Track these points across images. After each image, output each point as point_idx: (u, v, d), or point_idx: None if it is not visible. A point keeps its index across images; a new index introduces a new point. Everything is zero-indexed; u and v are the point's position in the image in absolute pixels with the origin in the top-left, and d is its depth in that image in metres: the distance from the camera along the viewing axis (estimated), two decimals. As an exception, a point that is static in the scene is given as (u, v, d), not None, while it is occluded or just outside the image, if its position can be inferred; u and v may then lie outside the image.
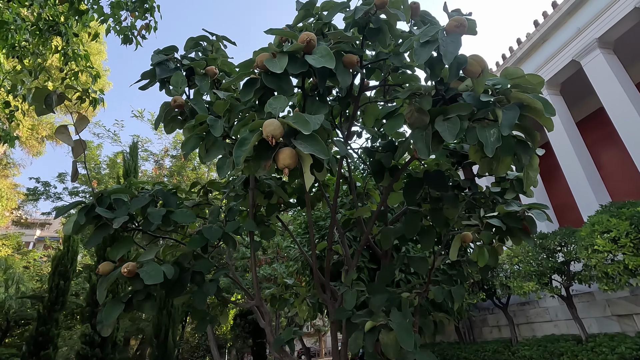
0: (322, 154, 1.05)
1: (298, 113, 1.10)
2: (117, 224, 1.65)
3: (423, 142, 1.36)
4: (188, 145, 1.51)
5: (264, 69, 1.29)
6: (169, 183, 2.80)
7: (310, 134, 1.08)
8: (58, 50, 4.09)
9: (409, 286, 2.42)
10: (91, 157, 18.87)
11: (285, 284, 3.44)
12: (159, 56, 1.88)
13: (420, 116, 1.41)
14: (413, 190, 1.74)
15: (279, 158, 1.08)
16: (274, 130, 1.05)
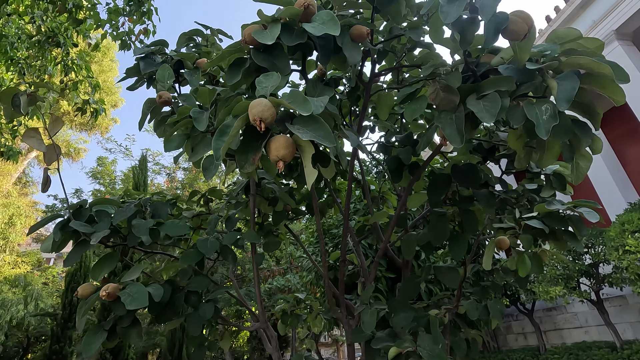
0: (327, 141, 0.79)
1: (295, 90, 0.86)
2: (95, 239, 1.42)
3: (454, 127, 1.09)
4: (171, 144, 1.28)
5: (253, 44, 1.05)
6: (168, 193, 2.57)
7: (310, 116, 0.83)
8: (58, 62, 3.99)
9: (434, 298, 2.12)
10: (106, 172, 19.10)
11: (297, 298, 3.17)
12: (143, 49, 1.68)
13: (448, 96, 1.15)
14: (439, 190, 1.46)
15: (271, 148, 0.83)
16: (262, 111, 0.80)
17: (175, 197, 2.77)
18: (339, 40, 1.11)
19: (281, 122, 0.87)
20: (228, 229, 1.86)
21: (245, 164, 0.84)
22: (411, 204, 1.89)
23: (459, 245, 1.52)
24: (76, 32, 4.14)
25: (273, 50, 1.07)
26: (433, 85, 1.17)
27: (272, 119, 0.82)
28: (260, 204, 2.25)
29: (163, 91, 1.58)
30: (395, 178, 1.80)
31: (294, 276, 9.85)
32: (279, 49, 1.07)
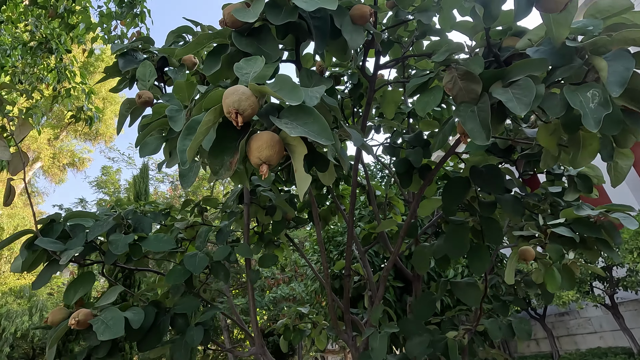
0: (323, 137, 0.62)
1: (283, 75, 0.68)
2: (64, 258, 1.25)
3: (476, 121, 0.91)
4: (146, 148, 1.11)
5: (235, 25, 0.88)
6: (162, 203, 2.40)
7: (301, 106, 0.65)
8: (51, 69, 3.87)
9: (449, 314, 1.92)
10: (111, 182, 19.06)
11: (299, 312, 2.97)
12: (123, 45, 1.52)
13: (468, 84, 0.96)
14: (456, 195, 1.27)
15: (252, 148, 0.65)
16: (239, 101, 0.62)
17: (169, 206, 2.59)
18: (337, 22, 0.94)
19: (265, 117, 0.70)
20: (219, 242, 1.68)
21: (220, 169, 0.66)
22: (422, 211, 1.70)
23: (481, 258, 1.32)
24: (70, 39, 4.03)
25: (259, 33, 0.90)
26: (449, 72, 0.99)
27: (253, 111, 0.64)
28: (257, 213, 2.08)
29: (144, 90, 1.41)
30: (405, 182, 1.61)
31: (298, 284, 9.62)
32: (266, 32, 0.89)
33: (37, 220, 1.37)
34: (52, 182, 21.96)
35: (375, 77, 1.44)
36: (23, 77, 3.80)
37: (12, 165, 1.29)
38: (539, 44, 1.01)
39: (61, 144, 21.00)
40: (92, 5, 3.55)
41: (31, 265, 1.44)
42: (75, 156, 21.42)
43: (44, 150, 19.95)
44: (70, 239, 1.42)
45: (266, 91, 0.64)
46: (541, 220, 1.82)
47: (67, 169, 21.82)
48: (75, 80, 3.96)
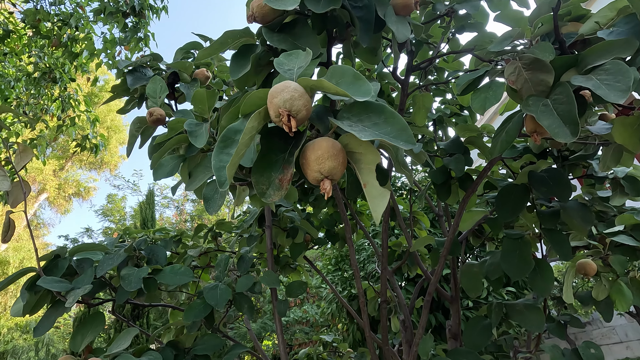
0: (402, 139, 0.47)
1: (337, 66, 0.54)
2: (71, 299, 1.09)
3: (554, 115, 0.76)
4: (162, 170, 0.97)
5: (265, 19, 0.75)
6: (172, 229, 2.25)
7: (366, 102, 0.51)
8: (55, 99, 3.82)
9: (501, 340, 1.72)
10: (116, 209, 18.98)
11: (323, 341, 2.76)
12: (131, 61, 1.41)
13: (536, 75, 0.82)
14: (514, 205, 1.11)
15: (309, 160, 0.50)
16: (291, 100, 0.48)
17: (180, 232, 2.44)
18: (380, 11, 0.81)
19: (319, 119, 0.55)
20: (241, 271, 1.52)
21: (268, 189, 0.51)
22: (464, 225, 1.53)
23: (544, 277, 1.14)
24: (74, 68, 4.00)
25: (294, 27, 0.77)
26: (512, 63, 0.85)
27: (308, 113, 0.50)
28: (277, 235, 1.92)
29: (155, 107, 1.29)
30: (443, 194, 1.46)
31: (311, 306, 9.29)
32: (302, 25, 0.76)
33: (40, 256, 1.22)
34: (58, 212, 21.94)
35: (408, 81, 1.30)
36: (27, 108, 3.75)
37: (12, 196, 1.15)
38: (610, 26, 0.88)
39: (66, 175, 21.11)
40: (95, 33, 3.52)
41: (34, 308, 1.29)
42: (80, 186, 21.48)
43: (50, 181, 20.04)
44: (77, 276, 1.27)
45: (323, 86, 0.50)
46: (593, 228, 1.65)
47: (73, 199, 21.85)
48: (79, 109, 3.90)
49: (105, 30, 3.50)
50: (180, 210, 17.76)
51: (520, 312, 1.30)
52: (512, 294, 4.52)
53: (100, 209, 18.59)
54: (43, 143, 3.52)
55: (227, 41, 0.78)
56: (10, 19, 4.11)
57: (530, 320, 1.26)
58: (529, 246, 1.14)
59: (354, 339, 5.02)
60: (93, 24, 3.62)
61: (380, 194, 0.49)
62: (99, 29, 3.26)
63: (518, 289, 4.58)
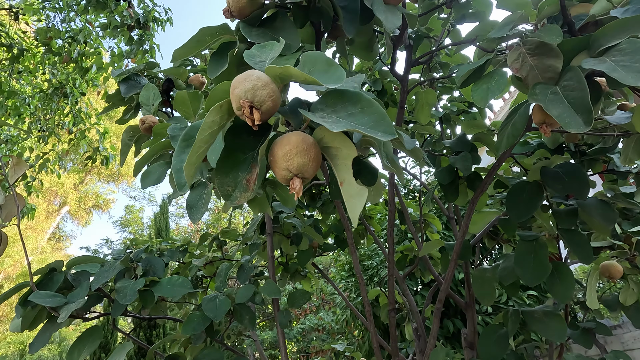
0: (380, 129, 0.41)
1: (311, 52, 0.49)
2: (64, 314, 1.06)
3: (564, 104, 0.68)
4: (149, 178, 0.93)
5: (242, 13, 0.70)
6: (178, 239, 2.22)
7: (342, 91, 0.45)
8: (67, 113, 3.90)
9: (521, 349, 1.61)
10: (134, 220, 19.37)
11: (335, 350, 2.68)
12: (125, 70, 1.39)
13: (543, 60, 0.75)
14: (527, 204, 1.02)
15: (276, 156, 0.45)
16: (253, 90, 0.43)
17: (186, 242, 2.42)
18: (367, 1, 0.75)
19: (292, 113, 0.50)
20: (241, 280, 1.47)
21: (234, 191, 0.46)
22: (474, 227, 1.45)
23: (564, 281, 1.05)
24: (85, 82, 4.09)
25: (273, 21, 0.72)
26: (515, 49, 0.78)
27: (274, 104, 0.44)
28: (282, 243, 1.87)
29: (147, 115, 1.26)
30: (451, 195, 1.38)
31: (327, 313, 9.16)
32: (282, 19, 0.72)
33: (35, 270, 1.20)
34: (79, 224, 22.54)
35: (407, 77, 1.24)
36: (42, 123, 3.84)
37: (6, 210, 1.14)
38: (625, 4, 0.79)
39: (86, 188, 21.72)
40: (104, 47, 3.59)
41: (32, 323, 1.26)
42: (99, 198, 22.05)
43: (70, 194, 20.64)
44: (73, 290, 1.24)
45: (290, 73, 0.44)
46: (617, 227, 1.53)
47: (93, 211, 22.43)
48: (90, 122, 3.97)
49: (113, 44, 3.56)
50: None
51: (539, 320, 1.20)
52: (533, 297, 4.31)
53: (118, 220, 19.00)
54: (55, 157, 3.59)
55: (205, 39, 0.74)
56: (25, 38, 4.25)
57: (551, 329, 1.15)
58: (545, 248, 1.04)
59: (369, 346, 4.89)
60: (102, 38, 3.70)
61: (357, 193, 0.43)
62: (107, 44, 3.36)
63: (540, 292, 4.36)
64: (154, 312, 1.86)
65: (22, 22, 4.39)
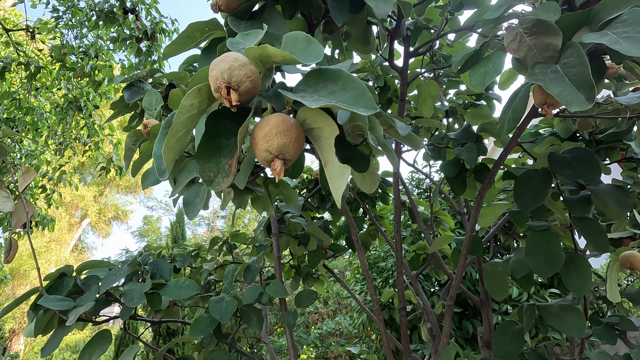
0: (361, 105, 0.40)
1: (292, 32, 0.48)
2: (72, 317, 1.08)
3: (565, 81, 0.66)
4: (149, 179, 0.94)
5: (231, 8, 0.70)
6: (190, 244, 2.25)
7: (323, 69, 0.44)
8: (82, 126, 4.02)
9: (541, 347, 1.54)
10: (152, 229, 19.76)
11: (349, 353, 2.64)
12: (128, 77, 1.42)
13: (541, 39, 0.72)
14: (534, 193, 0.98)
15: (257, 138, 0.44)
16: (230, 70, 0.42)
17: (197, 247, 2.44)
18: (356, -14, 0.74)
19: (275, 96, 0.49)
20: (247, 281, 1.46)
21: (217, 176, 0.45)
22: (484, 220, 1.40)
23: (580, 273, 1.00)
24: (98, 95, 4.21)
25: (262, 13, 0.72)
26: (512, 30, 0.76)
27: (253, 85, 0.43)
28: (290, 244, 1.85)
29: (150, 119, 1.28)
30: (458, 188, 1.34)
31: (344, 318, 9.07)
32: (270, 10, 0.71)
33: (45, 276, 1.22)
34: (100, 236, 23.11)
35: (407, 69, 1.22)
36: (58, 137, 3.97)
37: (16, 217, 1.16)
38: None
39: (105, 200, 22.27)
40: (114, 60, 3.70)
41: (45, 328, 1.29)
42: (118, 209, 22.57)
43: (91, 207, 21.20)
44: (83, 294, 1.26)
45: (268, 53, 0.43)
46: (638, 216, 1.46)
47: (112, 222, 22.97)
48: (103, 134, 4.09)
49: (123, 57, 3.66)
50: (211, 227, 18.17)
51: (556, 315, 1.15)
52: (556, 296, 4.16)
53: (137, 230, 19.36)
54: (72, 169, 3.70)
55: (195, 35, 0.74)
56: (41, 55, 4.42)
57: (569, 324, 1.10)
58: (557, 238, 1.00)
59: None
60: (113, 52, 3.81)
61: (340, 173, 0.41)
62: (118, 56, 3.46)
63: (563, 291, 4.20)
64: (167, 317, 1.87)
65: (39, 41, 4.57)
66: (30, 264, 15.58)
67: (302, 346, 9.60)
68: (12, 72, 4.08)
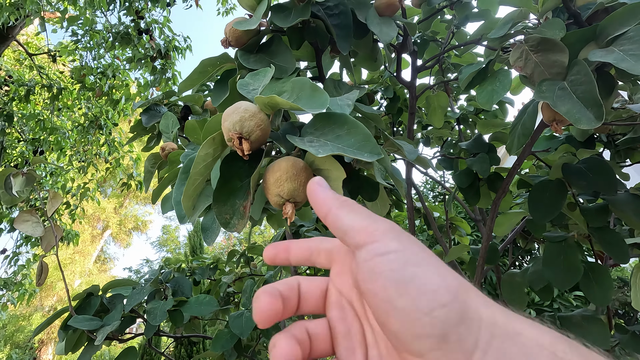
0: (366, 151, 0.42)
1: (298, 78, 0.50)
2: (100, 337, 1.13)
3: (573, 99, 0.66)
4: (168, 204, 0.97)
5: (239, 42, 0.73)
6: (208, 257, 2.30)
7: (329, 114, 0.46)
8: (103, 144, 4.17)
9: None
10: (171, 239, 20.18)
11: None
12: (145, 101, 1.47)
13: (547, 56, 0.72)
14: (550, 203, 0.97)
15: (268, 183, 0.46)
16: (241, 121, 0.45)
17: (215, 260, 2.49)
18: (360, 15, 0.77)
19: (284, 139, 0.51)
20: (266, 297, 1.49)
21: (232, 219, 0.47)
22: (500, 229, 1.39)
23: (601, 283, 0.98)
24: (117, 113, 4.36)
25: (269, 46, 0.75)
26: (517, 48, 0.76)
27: (263, 133, 0.46)
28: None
29: (167, 142, 1.33)
30: (472, 198, 1.34)
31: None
32: (277, 43, 0.74)
33: (73, 296, 1.28)
34: (121, 246, 23.73)
35: (415, 82, 1.23)
36: (80, 155, 4.14)
37: (46, 241, 1.23)
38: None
39: (125, 211, 22.87)
40: (131, 79, 3.84)
41: (75, 346, 1.35)
42: (138, 220, 23.14)
43: (112, 218, 21.80)
44: (109, 312, 1.31)
45: (276, 102, 0.46)
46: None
47: (132, 233, 23.56)
48: (123, 150, 4.23)
49: (139, 75, 3.79)
50: (228, 235, 18.41)
51: (578, 326, 1.12)
52: (582, 298, 4.04)
53: (156, 240, 19.78)
54: (94, 186, 3.85)
55: (207, 70, 0.77)
56: (62, 77, 4.61)
57: (592, 334, 1.08)
58: (575, 249, 0.98)
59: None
60: (129, 71, 3.95)
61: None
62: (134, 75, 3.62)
63: (589, 293, 4.07)
64: (188, 330, 1.92)
65: (59, 63, 4.77)
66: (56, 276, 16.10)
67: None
68: (35, 94, 4.28)
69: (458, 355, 0.21)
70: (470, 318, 0.22)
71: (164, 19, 3.60)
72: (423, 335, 0.22)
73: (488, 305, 0.23)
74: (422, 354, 0.22)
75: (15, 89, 3.96)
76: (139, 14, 3.39)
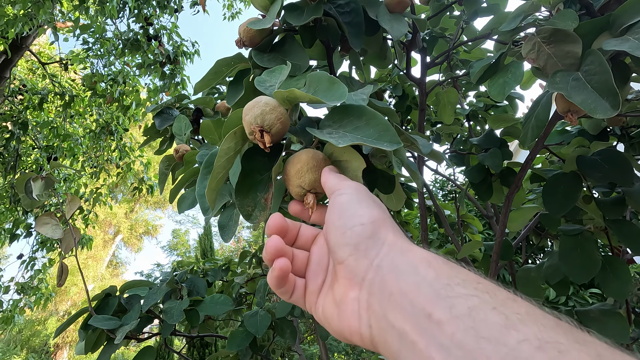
0: (386, 140, 0.43)
1: (315, 72, 0.51)
2: (119, 336, 1.15)
3: (588, 89, 0.65)
4: (184, 204, 0.99)
5: (253, 42, 0.75)
6: (220, 259, 2.32)
7: (346, 106, 0.47)
8: (114, 149, 4.25)
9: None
10: (181, 243, 20.37)
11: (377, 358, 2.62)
12: (158, 105, 1.50)
13: (560, 47, 0.72)
14: (565, 197, 0.97)
15: (289, 174, 0.47)
16: (262, 115, 0.46)
17: (227, 261, 2.51)
18: (371, 13, 0.78)
19: (303, 132, 0.52)
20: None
21: (254, 210, 0.49)
22: (513, 225, 1.38)
23: (619, 277, 0.97)
24: (128, 119, 4.44)
25: (283, 45, 0.76)
26: (529, 40, 0.76)
27: (283, 126, 0.47)
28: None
29: (181, 144, 1.35)
30: (484, 194, 1.33)
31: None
32: (290, 42, 0.75)
33: (93, 296, 1.31)
34: (132, 250, 24.00)
35: (425, 79, 1.23)
36: (92, 160, 4.21)
37: (65, 243, 1.26)
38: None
39: (136, 216, 23.14)
40: (141, 85, 3.90)
41: (94, 345, 1.37)
42: (149, 224, 23.39)
43: (123, 223, 22.06)
44: (127, 312, 1.34)
45: (295, 95, 0.47)
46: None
47: (143, 237, 23.81)
48: (134, 155, 4.30)
49: (148, 81, 3.86)
50: (238, 238, 18.51)
51: (596, 320, 1.11)
52: (597, 296, 3.97)
53: (167, 244, 19.97)
54: (106, 191, 3.92)
55: (222, 70, 0.79)
56: (74, 85, 4.71)
57: (610, 329, 1.07)
58: (592, 242, 0.98)
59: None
60: (139, 77, 4.01)
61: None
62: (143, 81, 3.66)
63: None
64: (202, 330, 1.94)
65: (71, 71, 4.87)
66: (70, 281, 16.34)
67: (333, 354, 9.56)
68: (48, 102, 4.38)
69: (365, 260, 0.30)
70: (378, 237, 0.31)
71: (172, 25, 3.66)
72: (345, 244, 0.32)
73: (396, 235, 0.32)
74: (343, 260, 0.32)
75: (29, 97, 4.05)
76: (147, 21, 3.46)
